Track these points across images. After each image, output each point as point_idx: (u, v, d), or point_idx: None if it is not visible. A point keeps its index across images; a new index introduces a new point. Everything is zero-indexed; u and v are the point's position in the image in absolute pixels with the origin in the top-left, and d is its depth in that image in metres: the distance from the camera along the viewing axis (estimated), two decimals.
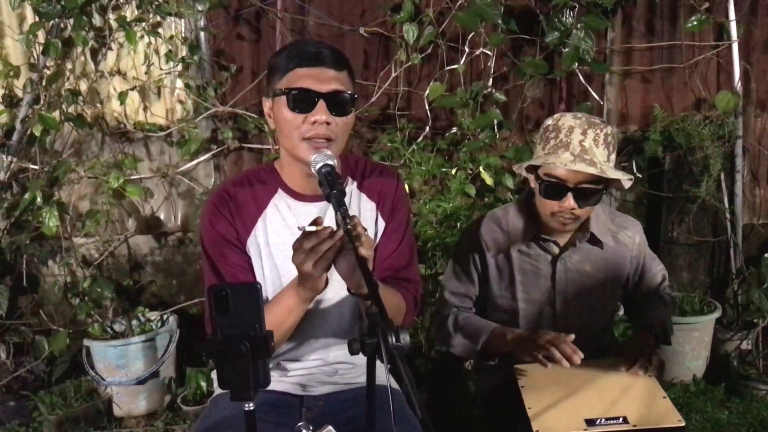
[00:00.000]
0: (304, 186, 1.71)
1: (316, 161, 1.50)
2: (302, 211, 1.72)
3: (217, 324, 1.30)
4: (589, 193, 1.91)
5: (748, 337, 3.40)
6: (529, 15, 3.22)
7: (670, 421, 1.76)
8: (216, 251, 1.72)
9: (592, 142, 1.88)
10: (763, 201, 3.61)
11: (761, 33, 3.42)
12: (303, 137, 1.58)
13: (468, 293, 2.17)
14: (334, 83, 1.58)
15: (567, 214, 1.93)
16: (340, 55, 1.63)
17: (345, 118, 1.61)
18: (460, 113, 3.17)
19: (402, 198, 1.81)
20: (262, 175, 1.76)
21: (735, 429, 2.96)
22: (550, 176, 1.92)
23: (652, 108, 3.40)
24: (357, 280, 1.52)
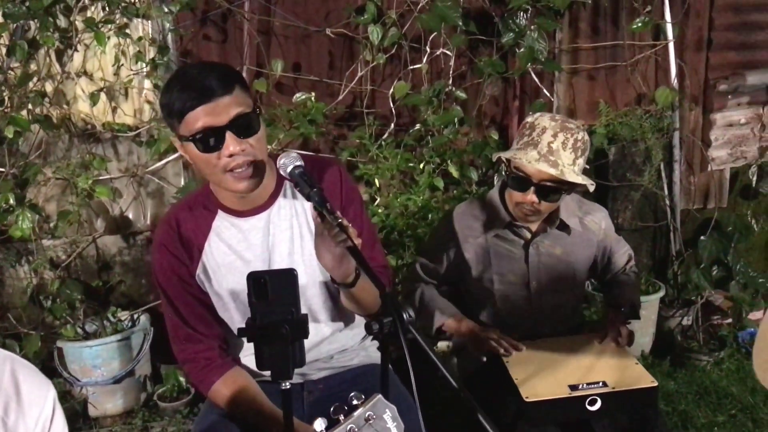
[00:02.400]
0: (241, 204, 1.76)
1: (285, 165, 1.53)
2: (245, 226, 1.77)
3: (256, 310, 1.40)
4: (550, 191, 2.09)
5: (689, 313, 3.70)
6: (485, 17, 3.39)
7: (644, 383, 1.97)
8: (169, 286, 1.78)
9: (561, 145, 2.05)
10: (697, 188, 3.91)
11: (693, 33, 3.71)
12: (225, 170, 1.60)
13: (436, 271, 2.35)
14: (232, 109, 1.55)
15: (528, 206, 2.11)
16: (226, 73, 1.60)
17: (256, 135, 1.61)
18: (424, 110, 3.32)
19: (349, 187, 1.84)
20: (201, 199, 1.80)
21: (682, 396, 3.23)
22: (518, 170, 2.10)
23: (598, 103, 3.63)
24: (343, 270, 1.63)
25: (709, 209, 3.93)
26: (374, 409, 1.26)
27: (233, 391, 1.75)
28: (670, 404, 3.14)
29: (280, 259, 1.77)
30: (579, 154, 2.08)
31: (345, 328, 1.92)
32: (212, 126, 1.55)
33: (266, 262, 1.77)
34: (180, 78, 1.61)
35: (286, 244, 1.78)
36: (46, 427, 1.28)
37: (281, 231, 1.78)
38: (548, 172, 2.02)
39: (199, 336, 1.79)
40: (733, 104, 3.84)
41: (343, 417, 1.25)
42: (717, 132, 3.85)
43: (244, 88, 1.62)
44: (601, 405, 1.93)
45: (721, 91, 3.79)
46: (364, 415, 1.25)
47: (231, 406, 1.76)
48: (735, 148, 3.88)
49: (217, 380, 1.76)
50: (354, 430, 1.24)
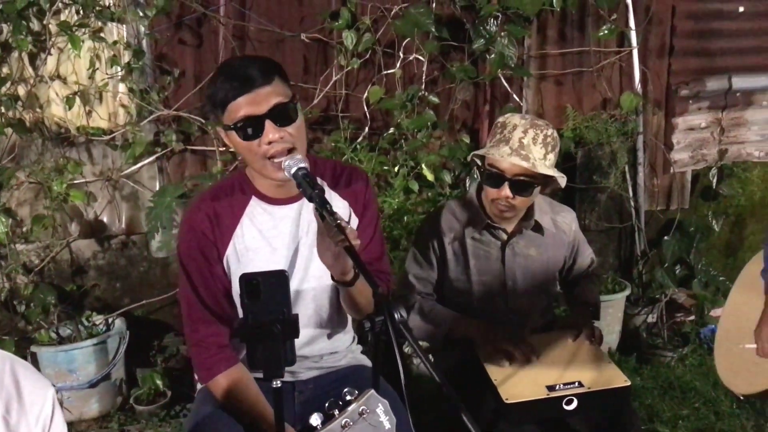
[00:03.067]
0: (276, 192, 1.82)
1: (289, 166, 1.61)
2: (278, 214, 1.83)
3: (249, 310, 1.44)
4: (524, 186, 2.15)
5: (654, 311, 3.82)
6: (457, 23, 3.47)
7: (618, 382, 2.04)
8: (192, 266, 1.81)
9: (531, 141, 2.13)
10: (660, 190, 4.04)
11: (656, 40, 3.84)
12: (266, 157, 1.67)
13: (429, 278, 2.37)
14: (271, 99, 1.64)
15: (503, 202, 2.17)
16: (267, 65, 1.68)
17: (295, 123, 1.68)
18: (398, 114, 3.38)
19: (372, 196, 1.96)
20: (236, 183, 1.86)
21: (648, 392, 3.35)
22: (492, 166, 2.16)
23: (565, 108, 3.73)
24: (340, 268, 1.69)
25: (672, 210, 4.07)
26: (367, 404, 1.32)
27: (234, 386, 1.78)
28: (636, 399, 3.25)
29: (304, 250, 1.83)
30: (549, 149, 2.16)
31: (341, 331, 1.99)
32: (252, 115, 1.64)
33: (291, 252, 1.83)
34: (223, 70, 1.71)
35: (311, 238, 1.82)
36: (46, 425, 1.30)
37: (310, 224, 1.83)
38: (520, 164, 2.10)
39: (213, 318, 1.81)
40: (694, 109, 3.97)
41: (337, 412, 1.31)
42: (679, 135, 3.98)
43: (283, 80, 1.70)
44: (577, 404, 1.99)
45: (683, 96, 3.92)
46: (358, 410, 1.30)
47: (229, 399, 1.79)
48: (696, 151, 4.02)
49: (222, 371, 1.79)
50: (348, 424, 1.29)
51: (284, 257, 1.83)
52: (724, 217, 4.13)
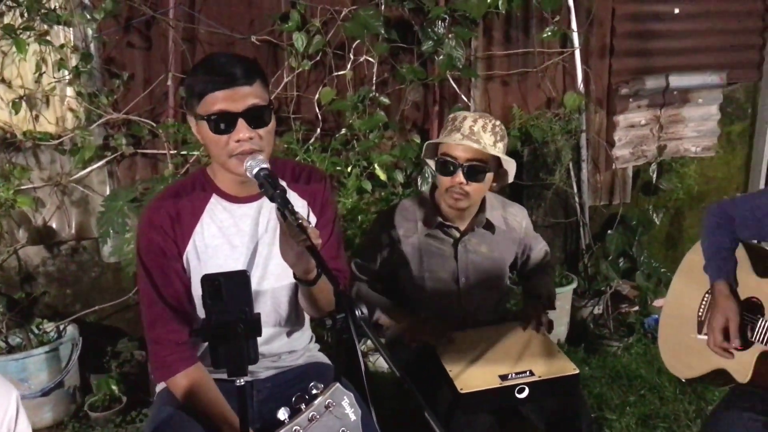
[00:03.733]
0: (237, 189, 1.85)
1: (251, 167, 1.64)
2: (238, 212, 1.85)
3: (211, 310, 1.46)
4: (476, 171, 2.24)
5: (600, 303, 3.96)
6: (406, 25, 3.53)
7: (567, 370, 2.14)
8: (152, 264, 1.82)
9: (481, 128, 2.24)
10: (603, 185, 4.18)
11: (597, 41, 3.97)
12: (231, 155, 1.70)
13: (369, 269, 2.46)
14: (249, 99, 1.67)
15: (458, 188, 2.25)
16: (251, 66, 1.71)
17: (267, 127, 1.72)
18: (349, 115, 3.42)
19: (330, 196, 2.00)
20: (197, 181, 1.87)
21: (596, 380, 3.47)
22: (445, 155, 2.25)
23: (511, 108, 3.82)
24: (302, 267, 1.72)
25: (615, 205, 4.21)
26: (333, 397, 1.35)
27: (194, 386, 1.79)
28: (585, 388, 3.36)
29: (263, 249, 1.85)
30: (498, 138, 2.27)
31: (299, 330, 2.03)
32: (228, 110, 1.66)
33: (251, 251, 1.85)
34: (207, 62, 1.73)
35: (271, 236, 1.85)
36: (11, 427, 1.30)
37: (269, 222, 1.86)
38: (472, 146, 2.20)
39: (173, 316, 1.81)
40: (634, 107, 4.12)
41: (304, 405, 1.34)
42: (620, 133, 4.12)
43: (264, 84, 1.73)
44: (529, 392, 2.08)
45: (623, 94, 4.06)
46: (324, 403, 1.34)
47: (188, 399, 1.80)
48: (636, 148, 4.18)
49: (180, 371, 1.80)
50: (315, 417, 1.33)
51: (244, 255, 1.85)
52: (664, 211, 4.30)
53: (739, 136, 4.50)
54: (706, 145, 4.33)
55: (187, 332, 1.83)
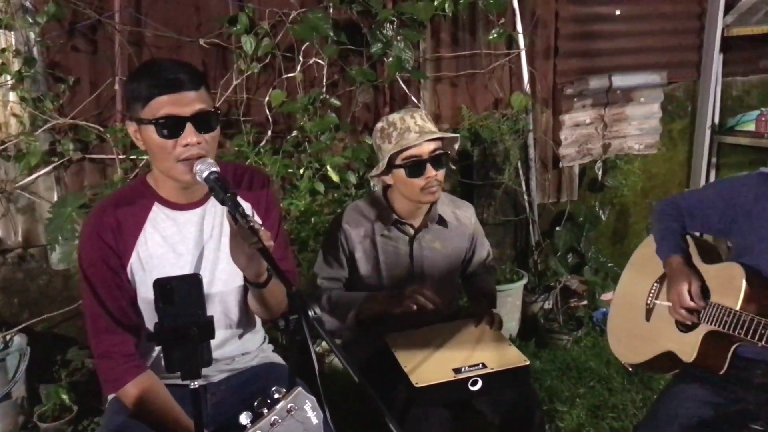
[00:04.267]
0: (179, 197, 1.84)
1: (201, 171, 1.65)
2: (181, 219, 1.85)
3: (163, 314, 1.47)
4: (440, 158, 2.29)
5: (549, 298, 4.05)
6: (355, 28, 3.56)
7: (518, 362, 2.18)
8: (95, 276, 1.80)
9: (423, 120, 2.30)
10: (551, 183, 4.28)
11: (542, 43, 4.06)
12: (177, 159, 1.69)
13: (339, 276, 2.45)
14: (196, 104, 1.68)
15: (433, 182, 2.29)
16: (196, 73, 1.73)
17: (213, 133, 1.73)
18: (300, 117, 3.44)
19: (274, 197, 2.01)
20: (136, 191, 1.86)
21: (547, 374, 3.55)
22: (409, 158, 2.27)
23: (460, 108, 3.89)
24: (254, 270, 1.74)
25: (562, 202, 4.31)
26: (295, 401, 1.36)
27: (144, 394, 1.78)
28: (537, 381, 3.44)
29: (209, 254, 1.85)
30: (433, 123, 2.34)
31: (251, 332, 2.04)
32: (176, 114, 1.66)
33: (196, 257, 1.85)
34: (152, 66, 1.74)
35: (216, 241, 1.86)
36: None
37: (213, 228, 1.86)
38: (435, 136, 2.26)
39: (118, 328, 1.80)
40: (579, 106, 4.23)
41: (266, 410, 1.34)
42: (566, 132, 4.22)
43: (208, 91, 1.75)
44: (482, 385, 2.12)
45: (568, 94, 4.17)
46: (286, 407, 1.34)
47: (140, 407, 1.79)
48: (582, 146, 4.28)
49: (129, 381, 1.78)
50: (277, 421, 1.34)
51: (189, 262, 1.85)
52: (610, 207, 4.41)
53: (680, 133, 4.66)
54: (649, 142, 4.47)
55: (133, 343, 1.82)
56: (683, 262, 2.14)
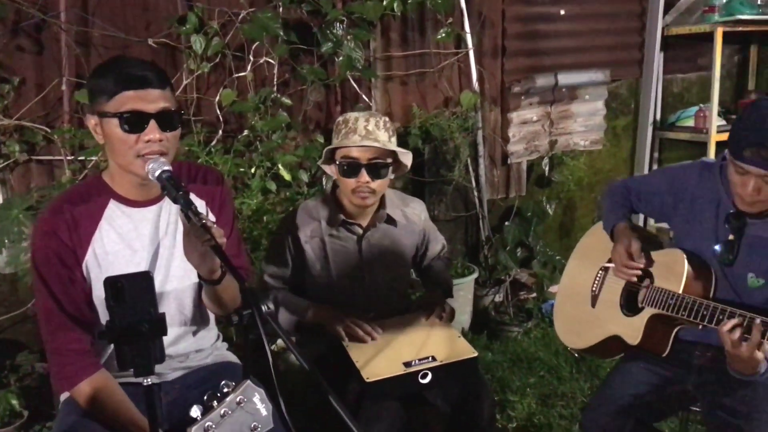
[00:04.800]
0: (136, 193, 1.85)
1: (153, 169, 1.67)
2: (137, 216, 1.86)
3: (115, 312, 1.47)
4: (379, 168, 2.32)
5: (500, 291, 4.15)
6: (305, 27, 3.58)
7: (467, 354, 2.25)
8: (49, 273, 1.79)
9: (375, 127, 2.32)
10: (500, 179, 4.37)
11: (489, 42, 4.15)
12: (138, 155, 1.71)
13: (284, 275, 2.48)
14: (161, 102, 1.71)
15: (364, 188, 2.32)
16: (163, 73, 1.76)
17: (175, 132, 1.76)
18: (251, 116, 3.45)
19: (227, 195, 2.03)
20: (92, 188, 1.86)
21: (498, 365, 3.64)
22: (346, 157, 2.32)
23: (411, 107, 3.95)
24: (207, 268, 1.76)
25: (511, 198, 4.41)
26: (245, 394, 1.39)
27: (98, 392, 1.78)
28: (489, 372, 3.53)
29: (164, 251, 1.87)
30: (391, 133, 2.37)
31: (204, 329, 2.05)
32: (141, 110, 1.68)
33: (151, 254, 1.86)
34: (120, 62, 1.76)
35: (171, 239, 1.87)
36: None
37: (169, 225, 1.88)
38: (373, 146, 2.28)
39: (73, 325, 1.79)
40: (526, 104, 4.33)
41: (216, 403, 1.38)
42: (514, 129, 4.32)
43: (172, 90, 1.79)
44: (432, 377, 2.17)
45: (516, 92, 4.26)
46: (236, 399, 1.38)
47: (94, 406, 1.79)
48: (529, 143, 4.39)
49: (84, 379, 1.78)
50: (227, 413, 1.37)
51: (144, 259, 1.86)
52: (557, 202, 4.53)
53: (624, 129, 4.81)
54: (594, 138, 4.60)
55: (88, 341, 1.82)
56: (627, 226, 2.25)
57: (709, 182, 2.10)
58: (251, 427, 1.40)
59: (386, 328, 2.39)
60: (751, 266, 2.00)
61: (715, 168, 2.09)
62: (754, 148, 1.80)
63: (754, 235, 1.99)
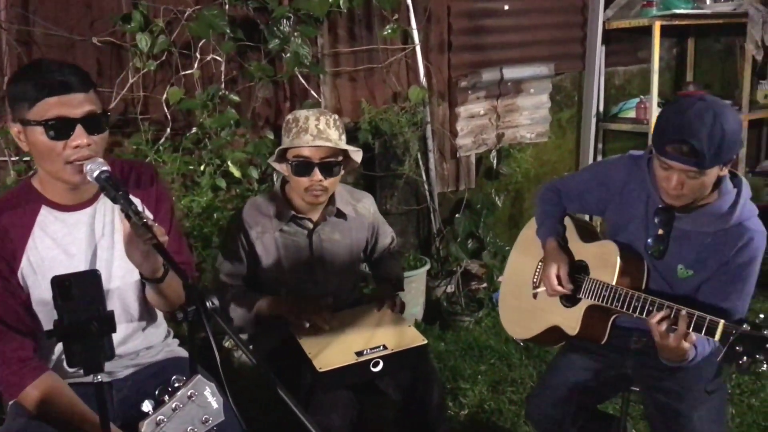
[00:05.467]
0: (68, 198, 1.84)
1: (91, 170, 1.66)
2: (71, 221, 1.85)
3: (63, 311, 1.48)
4: (331, 166, 2.36)
5: (452, 282, 4.22)
6: (251, 24, 3.59)
7: (416, 342, 2.31)
8: None
9: (326, 125, 2.36)
10: (449, 173, 4.45)
11: (436, 38, 4.21)
12: (67, 161, 1.69)
13: (239, 272, 2.50)
14: (86, 106, 1.68)
15: (317, 186, 2.36)
16: (84, 75, 1.72)
17: (102, 134, 1.74)
18: (199, 114, 3.45)
19: (163, 189, 2.02)
20: (22, 195, 1.84)
21: (451, 354, 3.71)
22: (298, 157, 2.35)
23: (360, 102, 3.99)
24: (150, 266, 1.77)
25: (461, 191, 4.49)
26: (195, 388, 1.42)
27: (47, 395, 1.78)
28: (441, 361, 3.60)
29: (103, 252, 1.86)
30: (341, 131, 2.41)
31: (152, 325, 2.05)
32: (66, 116, 1.65)
33: (89, 256, 1.85)
34: (39, 67, 1.71)
35: (108, 240, 1.87)
36: None
37: (105, 226, 1.87)
38: (326, 145, 2.31)
39: (13, 333, 1.78)
40: (473, 98, 4.41)
41: (167, 397, 1.40)
42: (462, 123, 4.40)
43: (96, 93, 1.75)
44: (383, 366, 2.23)
45: (463, 87, 4.34)
46: (187, 393, 1.40)
47: (43, 409, 1.78)
48: (477, 137, 4.47)
49: (29, 383, 1.77)
50: (179, 406, 1.40)
51: (83, 262, 1.85)
52: (506, 194, 4.62)
53: (568, 122, 4.94)
54: (540, 131, 4.71)
55: (31, 347, 1.81)
56: (557, 246, 2.31)
57: (638, 177, 2.16)
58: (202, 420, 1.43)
59: (338, 319, 2.43)
60: (680, 258, 2.08)
61: (643, 162, 2.15)
62: (676, 144, 1.86)
63: (682, 228, 2.06)
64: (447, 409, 2.78)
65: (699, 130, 1.83)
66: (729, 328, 1.75)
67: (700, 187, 1.93)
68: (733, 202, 1.98)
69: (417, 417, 2.37)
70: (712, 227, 2.01)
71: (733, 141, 1.86)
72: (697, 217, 2.02)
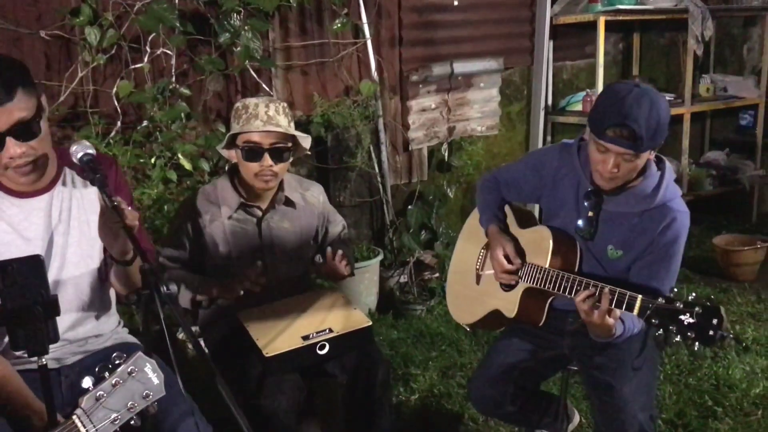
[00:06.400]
0: (24, 186, 1.85)
1: (76, 152, 1.68)
2: (27, 207, 1.87)
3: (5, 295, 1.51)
4: (281, 152, 2.41)
5: (405, 272, 4.29)
6: (201, 18, 3.62)
7: (361, 324, 2.38)
8: None
9: (275, 112, 2.40)
10: (402, 165, 4.53)
11: (386, 32, 4.28)
12: (7, 168, 1.71)
13: (180, 257, 2.52)
14: (14, 115, 1.64)
15: (267, 171, 2.40)
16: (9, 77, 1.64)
17: (38, 137, 1.70)
18: (150, 107, 3.46)
19: (122, 178, 2.06)
20: None
21: (403, 341, 3.79)
22: (249, 142, 2.39)
23: (312, 96, 4.04)
24: (120, 248, 1.81)
25: (413, 183, 4.57)
26: (136, 364, 1.47)
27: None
28: (393, 349, 3.68)
29: (59, 238, 1.89)
30: (290, 118, 2.46)
31: (105, 314, 2.08)
32: None
33: (46, 242, 1.87)
34: None
35: (65, 226, 1.90)
36: None
37: (62, 213, 1.90)
38: (276, 131, 2.36)
39: None
40: (425, 92, 4.49)
41: (108, 374, 1.45)
42: (413, 116, 4.48)
43: (27, 91, 1.67)
44: (329, 348, 2.29)
45: (414, 81, 4.42)
46: (127, 370, 1.45)
47: None
48: (429, 130, 4.56)
49: None
50: (119, 382, 1.44)
51: (39, 247, 1.87)
52: (457, 186, 4.72)
53: (518, 115, 5.05)
54: (490, 124, 4.82)
55: None
56: (498, 230, 2.39)
57: (569, 162, 2.25)
58: (143, 395, 1.48)
59: (286, 305, 2.47)
60: (610, 239, 2.18)
61: (573, 148, 2.25)
62: (617, 129, 1.93)
63: (610, 210, 2.16)
64: (392, 388, 2.83)
65: (638, 116, 1.91)
66: (645, 303, 1.86)
67: (633, 170, 2.02)
68: (657, 184, 2.09)
69: (363, 397, 2.43)
70: (637, 208, 2.11)
71: (665, 126, 1.96)
72: (624, 199, 2.12)
